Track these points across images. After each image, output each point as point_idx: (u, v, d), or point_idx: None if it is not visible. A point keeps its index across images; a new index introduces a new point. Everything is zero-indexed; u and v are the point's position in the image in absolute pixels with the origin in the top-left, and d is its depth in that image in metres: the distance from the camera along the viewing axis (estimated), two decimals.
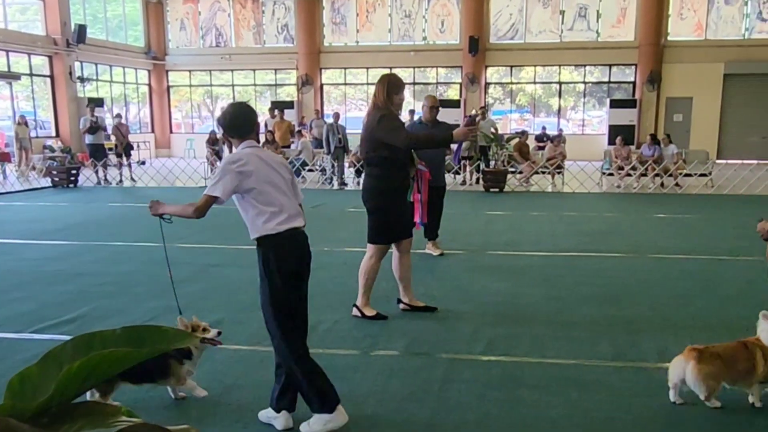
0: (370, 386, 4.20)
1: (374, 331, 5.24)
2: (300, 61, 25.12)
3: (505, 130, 22.67)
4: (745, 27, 23.38)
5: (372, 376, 4.36)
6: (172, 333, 1.45)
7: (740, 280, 6.86)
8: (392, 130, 5.12)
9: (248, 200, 3.49)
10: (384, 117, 5.16)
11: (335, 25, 25.33)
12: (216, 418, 3.79)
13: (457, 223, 10.54)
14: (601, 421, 3.72)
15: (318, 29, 25.12)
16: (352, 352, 4.80)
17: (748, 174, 14.92)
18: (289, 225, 3.51)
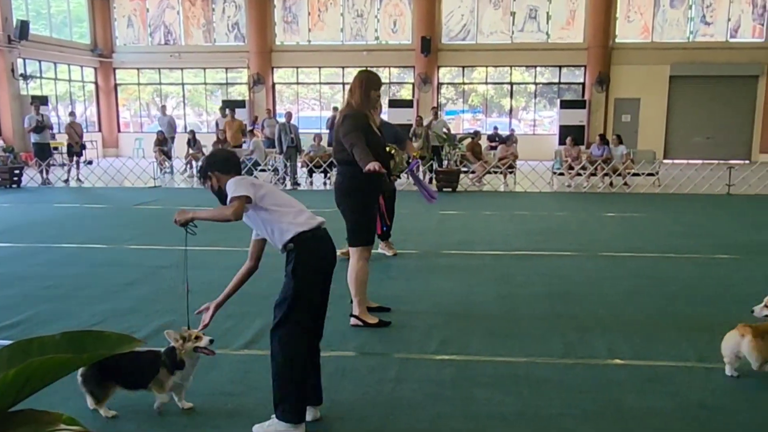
0: (324, 388, 4.13)
1: (327, 332, 5.13)
2: (251, 60, 24.87)
3: (458, 130, 22.84)
4: (690, 30, 24.00)
5: (325, 377, 4.28)
6: (115, 338, 1.40)
7: (686, 277, 7.02)
8: (347, 134, 5.07)
9: (266, 206, 3.48)
10: (347, 117, 5.11)
11: (287, 24, 25.16)
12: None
13: (410, 222, 10.55)
14: (552, 417, 3.76)
15: (269, 28, 24.91)
16: None
17: (694, 173, 15.29)
18: (317, 221, 3.55)
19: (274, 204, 3.49)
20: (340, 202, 5.34)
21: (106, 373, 3.69)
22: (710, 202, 13.11)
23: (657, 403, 3.93)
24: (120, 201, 13.04)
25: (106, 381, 3.70)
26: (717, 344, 4.88)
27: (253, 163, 15.93)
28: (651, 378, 4.29)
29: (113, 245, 8.49)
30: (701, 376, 4.33)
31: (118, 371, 3.69)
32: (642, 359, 4.62)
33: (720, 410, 3.84)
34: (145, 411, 3.80)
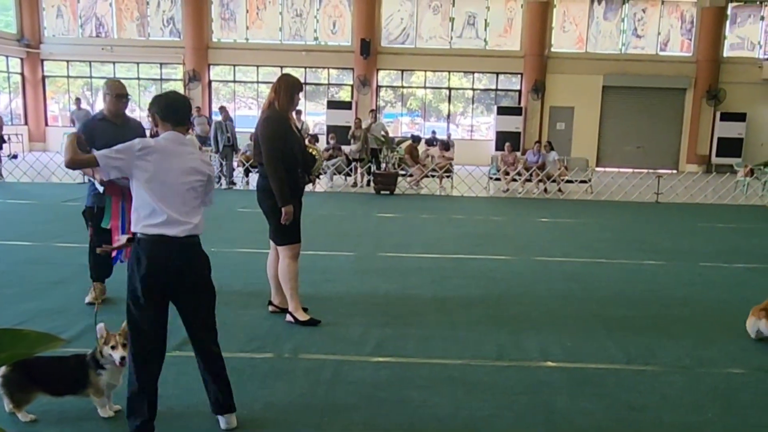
0: (257, 389, 4.10)
1: (261, 334, 5.13)
2: (187, 56, 24.36)
3: (397, 134, 22.92)
4: (622, 42, 24.70)
5: (258, 379, 4.27)
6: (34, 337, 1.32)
7: (615, 281, 7.20)
8: (267, 140, 5.08)
9: (136, 189, 3.29)
10: (269, 120, 5.11)
11: (224, 20, 24.75)
12: None
13: (347, 224, 10.54)
14: (485, 419, 3.79)
15: (206, 24, 24.46)
16: (238, 354, 4.67)
17: (624, 181, 15.74)
18: (159, 230, 3.25)
19: (143, 192, 3.26)
20: (262, 202, 5.31)
21: (29, 377, 3.53)
22: (640, 209, 13.49)
23: (587, 404, 4.00)
24: (47, 197, 12.58)
25: (28, 385, 3.54)
26: (644, 346, 5.03)
27: None
28: (581, 379, 4.38)
29: (40, 243, 8.17)
30: (629, 378, 4.43)
31: (43, 376, 3.55)
32: (573, 361, 4.71)
33: (647, 410, 3.94)
34: (67, 415, 3.66)
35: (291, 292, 5.38)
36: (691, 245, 9.51)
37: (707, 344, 5.15)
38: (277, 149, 5.06)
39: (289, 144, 5.12)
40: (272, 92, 5.17)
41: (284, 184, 5.09)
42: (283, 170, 5.08)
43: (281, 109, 5.14)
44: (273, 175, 5.08)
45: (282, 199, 5.10)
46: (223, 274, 6.88)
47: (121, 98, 5.62)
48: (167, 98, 3.47)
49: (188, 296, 3.39)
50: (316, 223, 10.45)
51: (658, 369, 4.61)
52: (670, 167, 24.41)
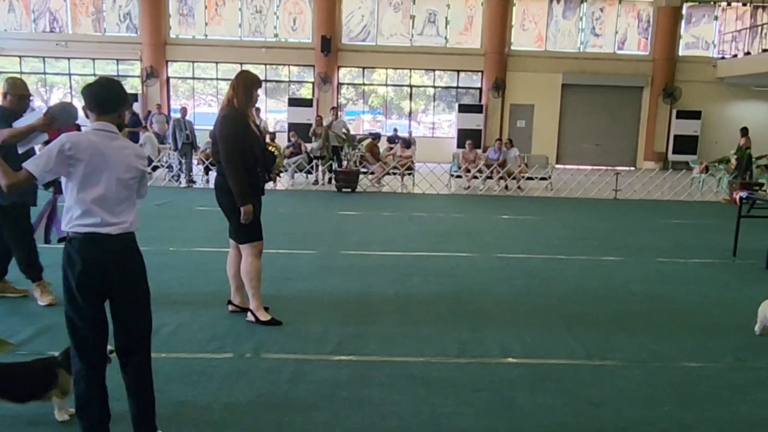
0: (216, 390, 4.04)
1: (221, 333, 5.06)
2: (144, 53, 23.96)
3: (358, 131, 22.88)
4: (581, 41, 25.00)
5: (218, 379, 4.20)
6: None
7: (575, 277, 7.27)
8: (226, 138, 5.02)
9: (67, 189, 3.15)
10: (227, 118, 5.05)
11: (182, 16, 24.40)
12: None
13: (308, 223, 10.48)
14: (446, 416, 3.78)
15: (164, 20, 24.09)
16: (198, 355, 4.60)
17: (583, 178, 15.94)
18: (92, 229, 3.11)
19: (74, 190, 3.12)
20: (221, 200, 5.24)
21: None
22: (598, 206, 13.67)
23: (547, 399, 4.03)
24: None
25: None
26: (603, 341, 5.09)
27: None
28: (542, 375, 4.40)
29: None
30: (589, 373, 4.47)
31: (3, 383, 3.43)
32: (533, 357, 4.73)
33: (606, 405, 3.98)
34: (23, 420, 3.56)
35: (253, 291, 5.32)
36: (648, 241, 9.65)
37: (664, 339, 5.22)
38: (235, 148, 5.00)
39: (247, 142, 5.05)
40: (230, 90, 5.10)
41: (243, 183, 5.03)
42: (242, 169, 5.01)
43: (239, 107, 5.07)
44: (232, 174, 5.02)
45: (241, 198, 5.04)
46: (183, 274, 6.82)
47: (23, 99, 5.51)
48: (91, 85, 3.31)
49: (123, 297, 3.24)
50: (276, 222, 10.36)
51: (617, 364, 4.66)
52: (627, 164, 24.80)
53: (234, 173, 5.01)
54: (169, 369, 4.31)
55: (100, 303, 3.21)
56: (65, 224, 3.15)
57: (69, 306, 3.16)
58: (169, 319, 5.28)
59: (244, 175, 5.03)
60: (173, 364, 4.41)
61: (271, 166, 5.58)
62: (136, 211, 3.28)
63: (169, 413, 3.67)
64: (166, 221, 10.15)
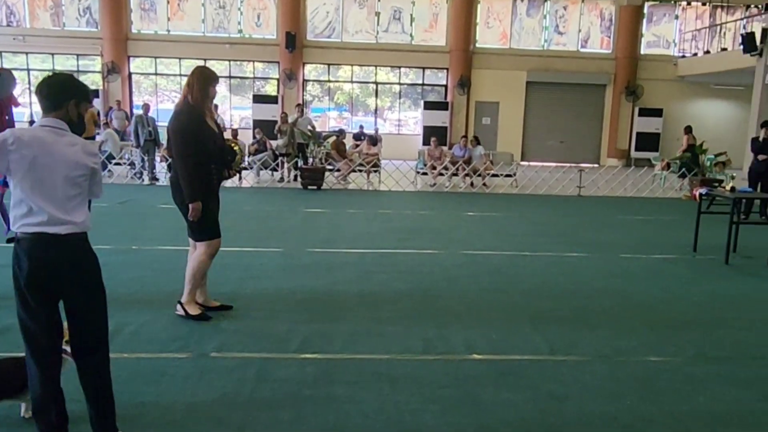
0: (179, 390, 3.99)
1: (184, 333, 4.99)
2: (105, 48, 23.50)
3: (324, 128, 22.79)
4: (545, 39, 25.21)
5: (181, 379, 4.15)
6: None
7: (540, 273, 7.33)
8: (177, 134, 4.97)
9: (13, 186, 3.06)
10: (179, 114, 5.00)
11: (144, 11, 24.01)
12: None
13: (274, 220, 10.41)
14: (411, 412, 3.79)
15: (125, 14, 23.66)
16: (161, 355, 4.54)
17: (548, 175, 16.09)
18: (39, 229, 3.02)
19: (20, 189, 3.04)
20: (176, 197, 5.18)
21: None
22: (563, 202, 13.81)
23: (511, 395, 4.05)
24: None
25: None
26: (567, 337, 5.14)
27: (107, 156, 15.14)
28: (506, 371, 4.43)
29: None
30: (552, 368, 4.51)
31: None
32: (498, 353, 4.76)
33: (569, 400, 4.01)
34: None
35: (191, 287, 5.29)
36: (611, 237, 9.78)
37: (627, 334, 5.29)
38: (187, 144, 4.93)
39: (201, 139, 4.99)
40: (186, 86, 5.04)
41: (193, 179, 4.96)
42: (192, 165, 4.94)
43: (195, 103, 5.01)
44: (181, 170, 4.96)
45: (190, 194, 4.98)
46: (145, 273, 6.73)
47: None
48: (40, 82, 3.20)
49: (75, 297, 3.16)
50: (242, 220, 10.29)
51: (580, 359, 4.71)
52: (591, 161, 25.10)
53: (184, 169, 4.95)
54: (131, 369, 4.24)
55: (52, 304, 3.13)
56: (13, 223, 3.07)
57: (20, 308, 3.09)
58: (131, 319, 5.20)
59: (194, 171, 4.96)
60: (135, 364, 4.35)
61: (231, 163, 5.52)
62: (87, 209, 3.20)
63: (131, 414, 3.62)
64: (129, 219, 10.01)
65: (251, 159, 16.17)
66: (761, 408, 4.00)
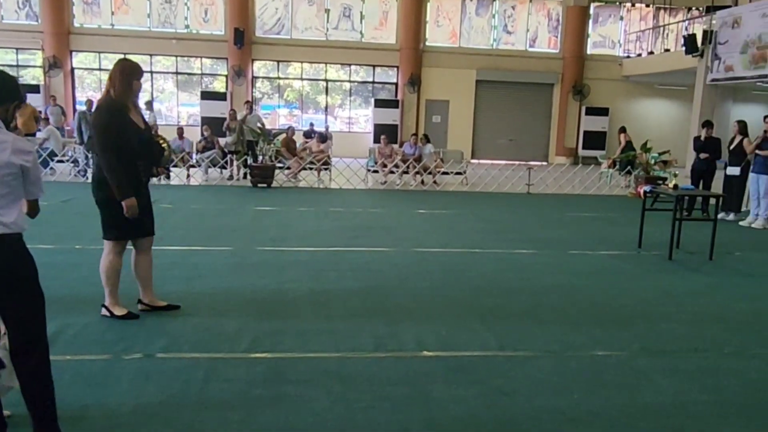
0: (124, 392, 3.90)
1: (130, 333, 4.89)
2: (46, 42, 22.82)
3: (275, 126, 22.61)
4: (494, 38, 25.48)
5: (126, 381, 4.06)
6: None
7: (489, 270, 7.39)
8: (99, 130, 4.84)
9: None
10: (100, 109, 4.88)
11: (87, 4, 23.39)
12: None
13: (223, 219, 10.28)
14: (362, 410, 3.78)
15: (66, 8, 22.99)
16: (105, 356, 4.43)
17: (498, 173, 16.25)
18: None
19: None
20: (95, 193, 5.03)
21: None
22: (512, 200, 13.98)
23: (461, 391, 4.07)
24: None
25: None
26: (516, 333, 5.19)
27: (48, 153, 14.75)
28: (456, 367, 4.45)
29: None
30: (501, 364, 4.55)
31: None
32: (448, 350, 4.78)
33: (517, 395, 4.05)
34: None
35: (110, 288, 5.16)
36: (560, 234, 9.93)
37: (574, 329, 5.37)
38: (110, 140, 4.79)
39: (125, 135, 4.84)
40: (108, 79, 4.90)
41: (120, 176, 4.82)
42: (116, 162, 4.80)
43: (117, 98, 4.86)
44: (107, 167, 4.81)
45: (121, 192, 4.84)
46: (89, 273, 6.55)
47: None
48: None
49: (9, 299, 3.06)
50: (190, 218, 10.15)
51: (529, 354, 4.76)
52: (540, 159, 25.46)
53: (108, 166, 4.81)
54: (75, 371, 4.13)
55: None
56: None
57: None
58: (75, 320, 5.08)
59: (120, 167, 4.82)
60: (79, 366, 4.24)
61: (159, 160, 5.40)
62: (20, 209, 3.09)
63: (75, 417, 3.53)
64: (72, 218, 9.76)
65: (199, 156, 15.94)
66: (702, 399, 4.10)
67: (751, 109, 24.15)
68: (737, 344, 5.18)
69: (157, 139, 5.42)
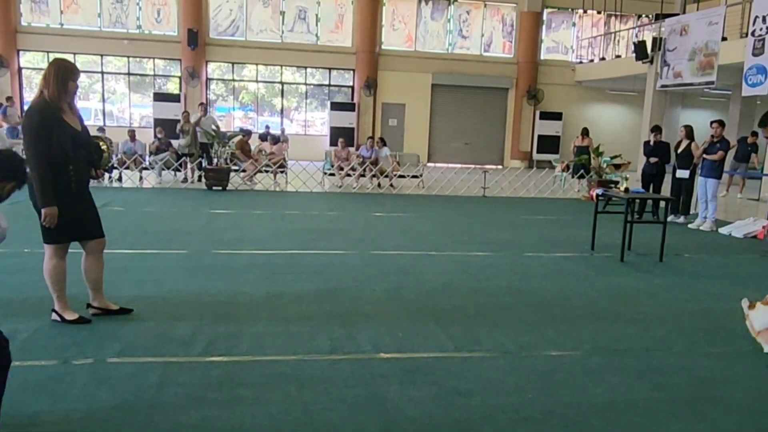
0: (76, 398, 3.82)
1: (82, 338, 4.79)
2: None
3: (230, 128, 22.42)
4: (449, 42, 25.68)
5: (78, 386, 3.98)
6: None
7: (446, 272, 7.43)
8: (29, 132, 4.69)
9: None
10: (31, 110, 4.73)
11: (35, 3, 22.87)
12: None
13: (177, 222, 10.15)
14: (317, 412, 3.76)
15: (13, 5, 22.45)
16: (55, 362, 4.34)
17: (453, 176, 16.38)
18: None
19: None
20: (32, 198, 4.87)
21: None
22: (468, 203, 14.09)
23: (417, 392, 4.09)
24: None
25: None
26: (471, 334, 5.24)
27: None
28: (412, 369, 4.46)
29: None
30: (457, 365, 4.58)
31: None
32: (404, 352, 4.79)
33: (473, 395, 4.09)
34: None
35: (57, 294, 5.06)
36: (514, 237, 10.04)
37: (528, 329, 5.44)
38: (40, 143, 4.64)
39: (57, 138, 4.70)
40: (42, 79, 4.78)
41: (46, 181, 4.67)
42: (45, 167, 4.66)
43: (51, 99, 4.73)
44: (33, 172, 4.63)
45: (43, 198, 4.69)
46: (38, 277, 6.38)
47: None
48: None
49: None
50: (144, 221, 10.00)
51: (484, 355, 4.81)
52: (495, 163, 25.77)
53: (36, 171, 4.64)
54: (23, 378, 4.03)
55: None
56: None
57: None
58: (23, 325, 4.96)
59: (47, 173, 4.67)
60: (28, 372, 4.13)
61: (98, 162, 5.30)
62: None
63: (23, 424, 3.45)
64: (20, 221, 9.46)
65: (152, 159, 15.71)
66: (653, 396, 4.19)
67: (698, 114, 24.87)
68: (686, 343, 5.31)
69: (96, 140, 5.30)
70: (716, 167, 11.48)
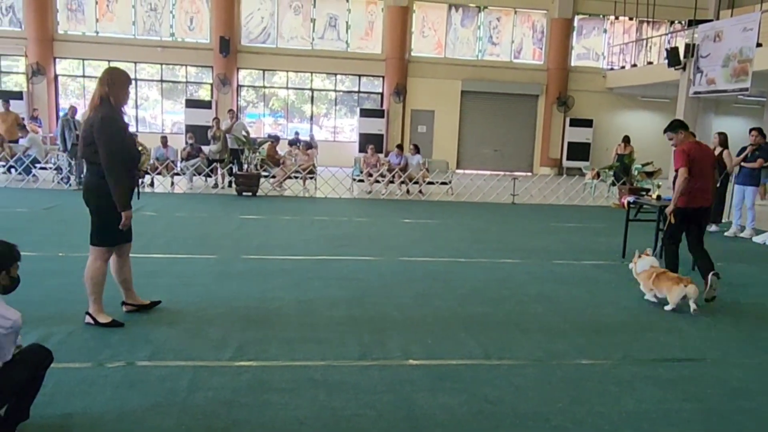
0: (108, 400, 3.87)
1: (114, 341, 4.85)
2: (29, 48, 22.66)
3: (260, 134, 22.58)
4: (479, 49, 25.62)
5: (110, 389, 4.03)
6: None
7: (474, 279, 7.41)
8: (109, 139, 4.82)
9: None
10: (107, 118, 4.84)
11: (71, 11, 23.30)
12: None
13: (207, 227, 10.24)
14: (347, 419, 3.77)
15: (50, 14, 22.87)
16: (88, 364, 4.40)
17: (483, 183, 16.33)
18: None
19: None
20: (89, 200, 5.05)
21: None
22: (497, 210, 14.02)
23: (446, 399, 4.08)
24: None
25: None
26: (501, 341, 5.21)
27: (31, 160, 14.66)
28: (441, 376, 4.45)
29: None
30: (486, 372, 4.56)
31: None
32: (433, 359, 4.78)
33: (502, 402, 4.06)
34: None
35: (95, 296, 5.16)
36: (544, 244, 9.97)
37: (558, 337, 5.40)
38: (119, 149, 4.83)
39: (126, 143, 4.93)
40: (104, 86, 4.88)
41: (125, 187, 4.90)
42: (122, 172, 4.86)
43: (117, 106, 4.91)
44: (116, 179, 4.84)
45: (123, 203, 4.91)
46: (72, 280, 6.50)
47: None
48: None
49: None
50: (174, 226, 10.10)
51: (513, 362, 4.78)
52: (525, 170, 25.61)
53: (117, 177, 4.84)
54: (57, 380, 4.09)
55: None
56: None
57: None
58: (57, 328, 5.04)
59: (124, 177, 4.88)
60: (61, 374, 4.19)
61: (138, 164, 5.43)
62: None
63: (57, 425, 3.51)
64: (55, 225, 9.68)
65: (184, 164, 15.89)
66: (684, 407, 4.13)
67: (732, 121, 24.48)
68: (720, 353, 5.22)
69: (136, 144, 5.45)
70: (755, 175, 11.32)
